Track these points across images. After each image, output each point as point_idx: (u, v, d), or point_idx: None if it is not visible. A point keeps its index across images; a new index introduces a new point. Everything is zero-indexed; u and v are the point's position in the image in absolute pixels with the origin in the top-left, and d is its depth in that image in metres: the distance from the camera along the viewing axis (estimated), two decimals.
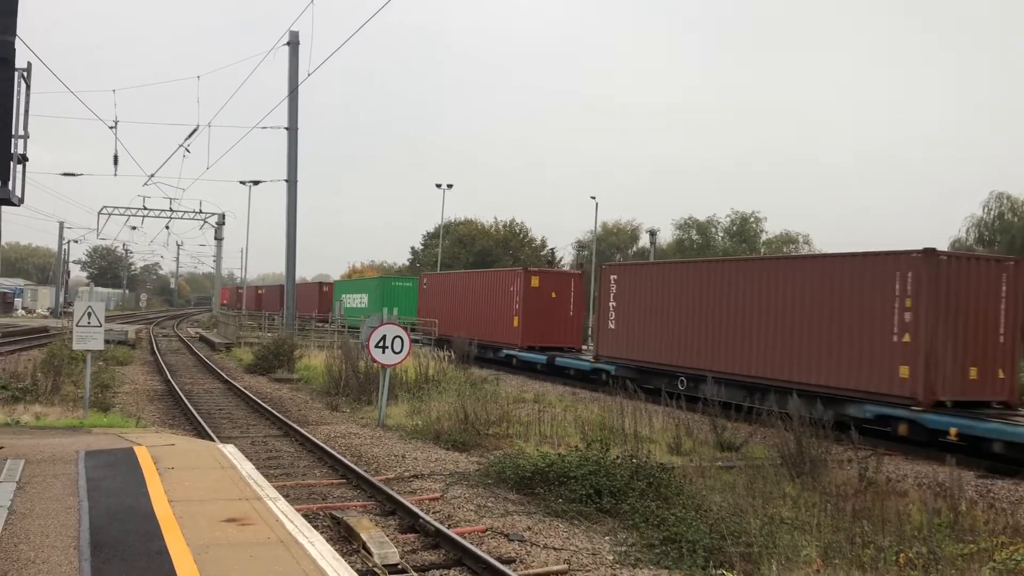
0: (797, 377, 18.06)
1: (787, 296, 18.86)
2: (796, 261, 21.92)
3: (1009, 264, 17.05)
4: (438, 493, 10.66)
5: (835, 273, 17.97)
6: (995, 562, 7.54)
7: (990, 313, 16.51)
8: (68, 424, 12.83)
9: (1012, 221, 48.00)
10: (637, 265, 27.96)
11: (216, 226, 62.14)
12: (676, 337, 22.10)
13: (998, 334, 16.54)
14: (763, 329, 19.33)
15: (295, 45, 35.98)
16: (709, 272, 21.82)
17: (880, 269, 16.92)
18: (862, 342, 16.98)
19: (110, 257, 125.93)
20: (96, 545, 6.01)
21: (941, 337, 15.93)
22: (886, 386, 16.33)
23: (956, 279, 16.24)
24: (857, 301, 17.18)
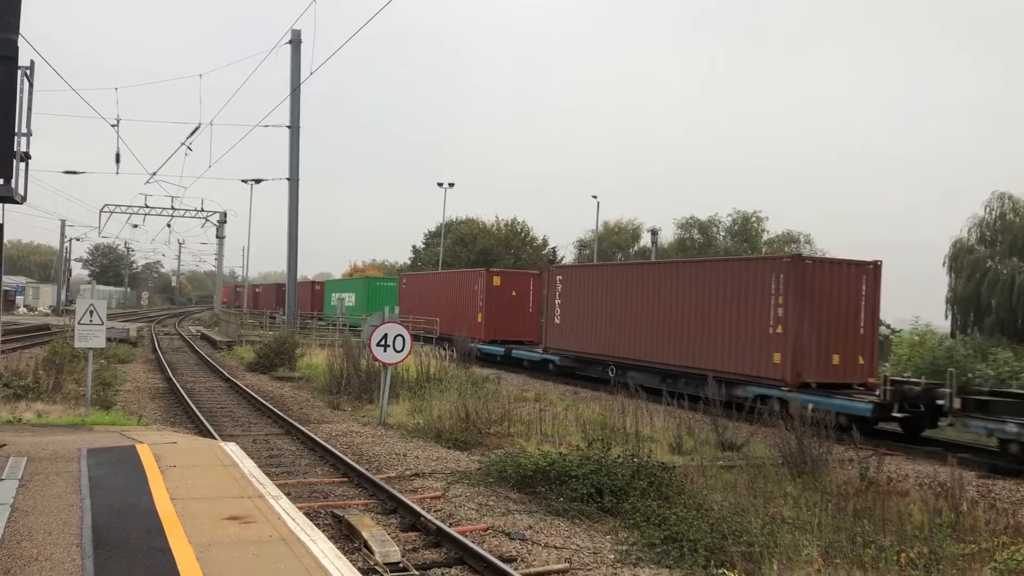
0: (700, 364, 20.82)
1: (689, 295, 21.88)
2: (695, 264, 24.61)
3: (868, 267, 19.81)
4: (439, 492, 10.67)
5: (726, 275, 21.02)
6: (996, 562, 7.54)
7: (851, 308, 19.30)
8: (70, 422, 12.84)
9: (1014, 221, 47.89)
10: (577, 267, 31.77)
11: (218, 224, 62.13)
12: (606, 331, 25.12)
13: (859, 326, 19.30)
14: (672, 323, 22.29)
15: (297, 44, 35.98)
16: (630, 274, 25.11)
17: (760, 272, 19.94)
18: (747, 333, 19.79)
19: (112, 255, 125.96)
20: (98, 542, 6.02)
21: (807, 329, 18.73)
22: (764, 370, 19.17)
23: (820, 280, 19.07)
24: (743, 299, 20.01)
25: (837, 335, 19.03)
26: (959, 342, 33.60)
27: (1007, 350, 29.70)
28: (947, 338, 37.84)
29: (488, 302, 33.11)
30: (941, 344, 31.93)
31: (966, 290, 47.68)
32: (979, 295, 46.70)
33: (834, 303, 19.10)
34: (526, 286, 33.71)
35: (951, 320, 49.57)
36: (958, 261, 49.27)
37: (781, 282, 19.17)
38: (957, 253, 49.54)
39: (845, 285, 19.42)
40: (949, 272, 50.08)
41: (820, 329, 18.80)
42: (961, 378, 20.04)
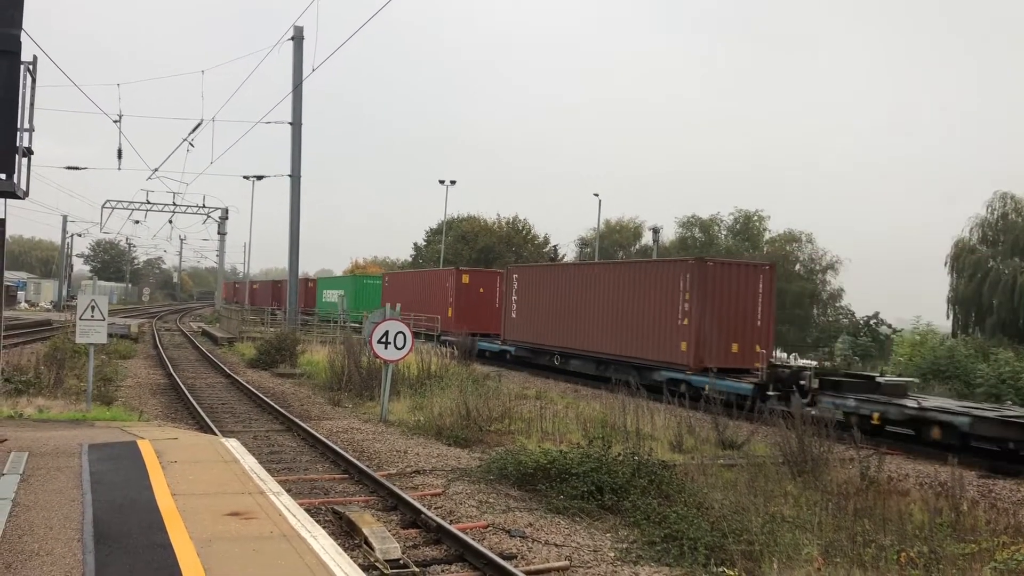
0: (626, 352, 24.07)
1: (617, 292, 24.88)
2: (620, 266, 28.25)
3: (764, 268, 23.31)
4: (440, 489, 10.68)
5: (644, 275, 24.19)
6: (996, 562, 7.54)
7: (749, 304, 22.23)
8: (71, 417, 12.85)
9: (1016, 221, 47.85)
10: (530, 267, 35.25)
11: (219, 221, 62.13)
12: (553, 324, 28.10)
13: (756, 319, 22.28)
14: (604, 317, 25.26)
15: (299, 40, 35.97)
16: (572, 274, 28.75)
17: (670, 272, 23.05)
18: (660, 325, 22.85)
19: (113, 251, 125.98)
20: (99, 538, 6.03)
21: (708, 321, 21.62)
22: (673, 357, 22.16)
23: (721, 279, 22.06)
24: (658, 296, 23.09)
25: (736, 327, 21.96)
26: (960, 342, 33.58)
27: (1008, 350, 29.65)
28: (948, 338, 37.82)
29: (457, 298, 36.41)
30: (942, 344, 31.92)
31: (968, 290, 47.65)
32: (981, 295, 46.66)
33: (733, 299, 22.10)
34: (492, 284, 36.39)
35: (952, 320, 49.53)
36: (960, 261, 49.24)
37: (687, 281, 22.04)
38: (959, 253, 49.50)
39: (743, 284, 22.37)
40: (951, 272, 50.04)
41: (720, 321, 21.75)
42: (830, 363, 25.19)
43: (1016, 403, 21.52)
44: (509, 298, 31.87)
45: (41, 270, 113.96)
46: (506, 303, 32.21)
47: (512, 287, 31.80)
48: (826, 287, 68.57)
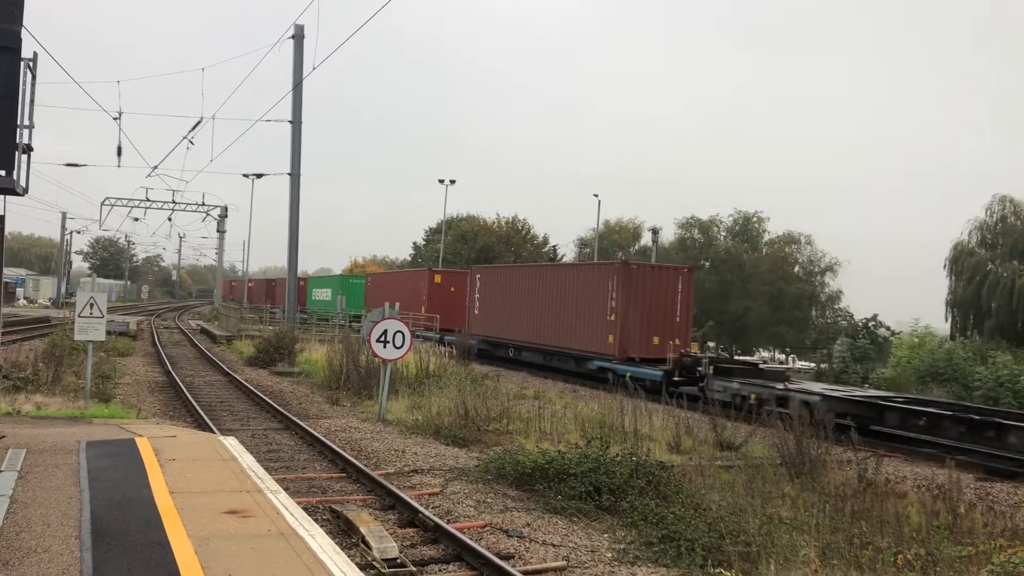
0: (567, 345, 27.16)
1: (559, 291, 28.15)
2: (562, 268, 32.49)
3: (683, 270, 26.78)
4: (437, 488, 10.68)
5: (580, 276, 27.51)
6: (993, 565, 7.55)
7: (669, 302, 25.33)
8: (69, 414, 12.84)
9: (1015, 225, 47.87)
10: (490, 268, 38.70)
11: (218, 219, 62.09)
12: (509, 319, 30.92)
13: (675, 316, 25.39)
14: (549, 314, 28.34)
15: (300, 39, 35.97)
16: (523, 275, 31.90)
17: (601, 274, 26.10)
18: (593, 321, 25.80)
19: (112, 248, 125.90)
20: (97, 535, 6.03)
21: (632, 317, 24.73)
22: (603, 348, 25.19)
23: (644, 280, 25.24)
24: (591, 295, 26.05)
25: (657, 322, 25.03)
26: (958, 345, 33.59)
27: (1006, 353, 29.68)
28: (947, 340, 37.84)
29: (430, 296, 39.69)
30: (941, 347, 31.93)
31: (966, 293, 47.66)
32: (979, 298, 46.68)
33: (655, 298, 25.16)
34: (463, 283, 38.60)
35: (951, 322, 49.54)
36: (958, 263, 49.25)
37: (614, 282, 25.02)
38: (957, 255, 49.52)
39: (664, 284, 25.48)
40: (949, 274, 50.05)
41: (643, 317, 24.83)
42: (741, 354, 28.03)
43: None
44: (472, 296, 34.97)
45: (40, 267, 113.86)
46: (470, 300, 35.26)
47: (475, 286, 34.83)
48: (825, 289, 68.62)
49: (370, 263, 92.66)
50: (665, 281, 25.59)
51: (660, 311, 25.12)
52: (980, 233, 49.76)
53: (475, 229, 67.92)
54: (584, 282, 26.89)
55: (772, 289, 65.55)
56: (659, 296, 25.21)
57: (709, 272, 67.81)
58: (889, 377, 30.48)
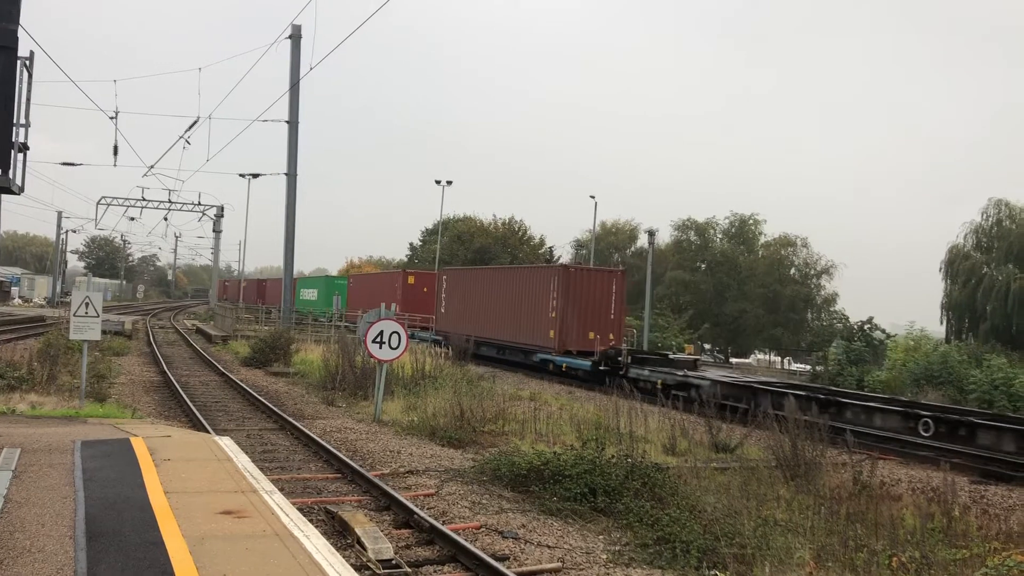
0: (516, 339, 30.18)
1: (510, 291, 31.45)
2: (512, 270, 35.64)
3: (617, 273, 30.30)
4: (433, 489, 10.67)
5: (527, 277, 30.96)
6: (988, 568, 7.55)
7: (604, 301, 28.48)
8: (64, 414, 12.82)
9: (1010, 228, 48.00)
10: (455, 270, 41.83)
11: (214, 219, 61.94)
12: (469, 316, 33.67)
13: (610, 313, 28.55)
14: (502, 311, 31.30)
15: (297, 39, 35.89)
16: (481, 276, 36.06)
17: (544, 276, 29.75)
18: (538, 318, 29.12)
19: (108, 248, 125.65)
20: (92, 535, 6.01)
21: (570, 314, 27.92)
22: (545, 342, 28.55)
23: (581, 282, 28.55)
24: (537, 295, 29.32)
25: (593, 319, 28.13)
26: (953, 348, 33.65)
27: (1001, 356, 29.75)
28: (942, 343, 37.88)
29: (404, 296, 42.81)
30: (936, 350, 31.99)
31: (962, 296, 47.79)
32: (974, 301, 46.80)
33: (591, 298, 28.29)
34: (433, 284, 41.47)
35: (946, 325, 49.67)
36: (954, 267, 49.38)
37: (555, 283, 28.39)
38: (953, 259, 49.65)
39: (599, 285, 28.72)
40: (945, 278, 50.18)
41: (580, 315, 27.99)
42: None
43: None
44: (439, 295, 38.40)
45: (35, 266, 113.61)
46: (437, 299, 38.55)
47: (442, 286, 38.33)
48: (821, 291, 68.75)
49: (366, 264, 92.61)
50: (600, 283, 29.01)
51: (596, 309, 28.39)
52: (976, 237, 49.88)
53: (471, 230, 67.89)
54: (530, 283, 30.35)
55: (768, 291, 65.67)
56: (595, 296, 28.45)
57: (705, 274, 67.92)
58: (884, 380, 30.53)
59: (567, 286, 28.03)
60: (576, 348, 27.43)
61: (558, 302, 27.95)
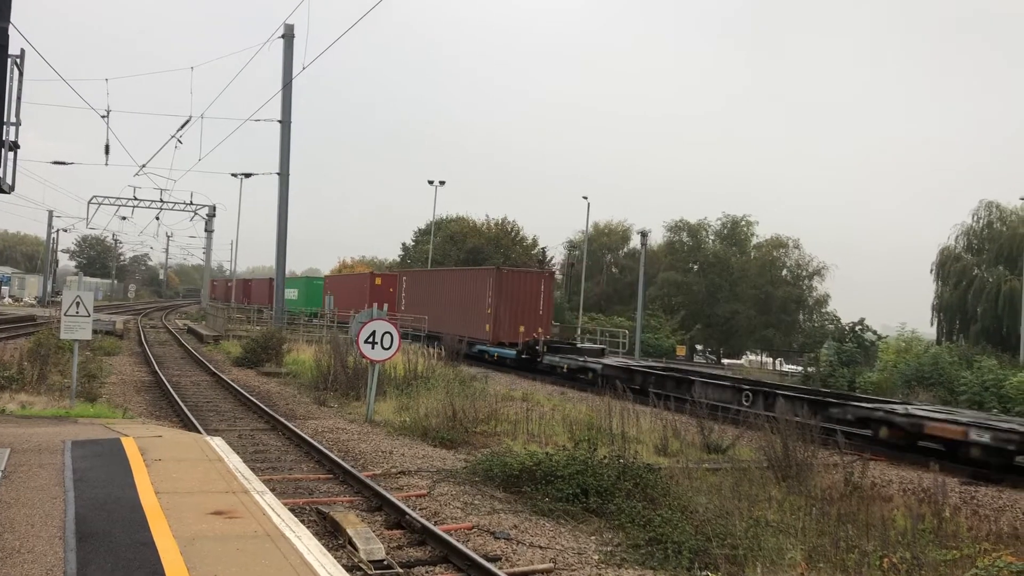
0: (460, 332, 31.93)
1: (456, 290, 35.51)
2: (457, 271, 40.43)
3: (545, 275, 34.84)
4: (425, 490, 10.66)
5: (471, 277, 35.16)
6: (978, 568, 7.59)
7: (533, 299, 32.28)
8: (54, 414, 12.77)
9: (1001, 230, 48.23)
10: (411, 271, 48.48)
11: (206, 218, 61.86)
12: (424, 312, 36.54)
13: (539, 310, 32.31)
14: (452, 308, 34.62)
15: (290, 38, 35.85)
16: (434, 277, 41.12)
17: (482, 276, 33.63)
18: (478, 313, 32.71)
19: (99, 247, 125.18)
20: (82, 536, 5.99)
21: (503, 310, 31.59)
22: (482, 335, 32.19)
23: (513, 282, 32.43)
24: (476, 293, 33.19)
25: (523, 314, 31.81)
26: (944, 349, 33.74)
27: (991, 358, 29.85)
28: (933, 345, 38.00)
29: (371, 296, 45.13)
30: (927, 351, 32.07)
31: (952, 297, 47.98)
32: (965, 302, 47.00)
33: (522, 296, 32.06)
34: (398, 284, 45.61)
35: (937, 327, 49.86)
36: (945, 268, 49.58)
37: (490, 283, 32.07)
38: (944, 260, 49.84)
39: (530, 285, 32.61)
40: (936, 279, 50.39)
41: (511, 311, 31.63)
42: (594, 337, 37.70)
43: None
44: (400, 295, 42.32)
45: (26, 265, 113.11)
46: (398, 298, 42.16)
47: (402, 286, 42.72)
48: (812, 293, 68.94)
49: (358, 264, 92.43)
50: (531, 283, 32.87)
51: (526, 306, 32.05)
52: (967, 238, 50.11)
53: (464, 231, 67.86)
54: (471, 283, 34.28)
55: (760, 293, 65.83)
56: (526, 295, 32.15)
57: (697, 275, 68.04)
58: (876, 381, 30.60)
59: (500, 286, 31.84)
60: (508, 340, 31.22)
61: (493, 300, 31.77)
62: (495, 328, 31.48)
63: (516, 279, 32.75)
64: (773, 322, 66.11)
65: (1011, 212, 48.38)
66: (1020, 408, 23.75)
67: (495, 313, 31.50)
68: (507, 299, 31.74)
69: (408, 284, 42.24)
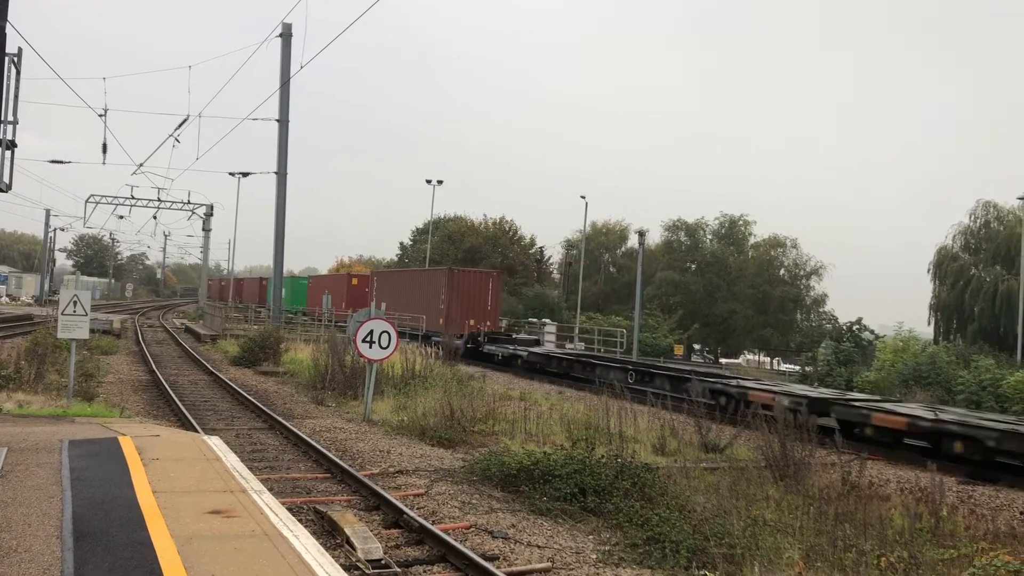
0: (424, 326, 35.84)
1: (416, 289, 39.42)
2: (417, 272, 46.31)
3: (493, 274, 38.52)
4: (423, 489, 10.65)
5: (429, 277, 39.26)
6: (975, 568, 7.59)
7: (482, 296, 36.17)
8: (52, 413, 12.75)
9: (998, 230, 48.30)
10: (382, 272, 54.88)
11: (204, 217, 61.80)
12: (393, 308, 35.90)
13: (487, 306, 36.25)
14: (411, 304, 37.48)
15: (288, 37, 35.78)
16: (401, 276, 47.27)
17: (437, 276, 37.61)
18: (434, 308, 36.29)
19: (96, 246, 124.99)
20: (79, 535, 5.98)
21: (455, 306, 35.30)
22: (437, 328, 35.02)
23: (464, 281, 36.38)
24: (432, 291, 36.92)
25: (473, 309, 35.65)
26: (942, 348, 33.81)
27: (988, 357, 29.90)
28: (930, 344, 38.06)
29: (348, 295, 50.76)
30: (924, 351, 32.12)
31: (950, 297, 48.05)
32: (963, 302, 47.07)
33: (472, 293, 35.91)
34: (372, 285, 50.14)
35: (934, 326, 49.95)
36: (942, 268, 49.65)
37: (444, 281, 35.97)
38: (941, 260, 49.92)
39: (479, 284, 36.47)
40: (933, 279, 50.47)
41: (463, 306, 35.42)
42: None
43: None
44: (372, 293, 45.94)
45: (23, 264, 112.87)
46: (371, 296, 45.26)
47: (374, 286, 47.07)
48: (810, 292, 69.01)
49: (356, 263, 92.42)
50: (480, 281, 36.72)
51: (476, 302, 35.82)
52: (964, 238, 50.19)
53: (462, 230, 67.86)
54: (429, 282, 38.21)
55: (757, 292, 65.87)
56: (475, 292, 36.01)
57: (695, 274, 68.07)
58: (873, 380, 30.64)
59: (452, 284, 35.76)
60: (459, 332, 34.22)
61: (446, 296, 35.55)
62: (447, 322, 34.85)
63: (466, 278, 36.67)
64: (771, 321, 66.17)
65: (1008, 212, 48.45)
66: (1017, 407, 23.77)
67: (447, 308, 35.34)
68: (458, 296, 35.52)
69: (379, 284, 46.60)
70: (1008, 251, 45.24)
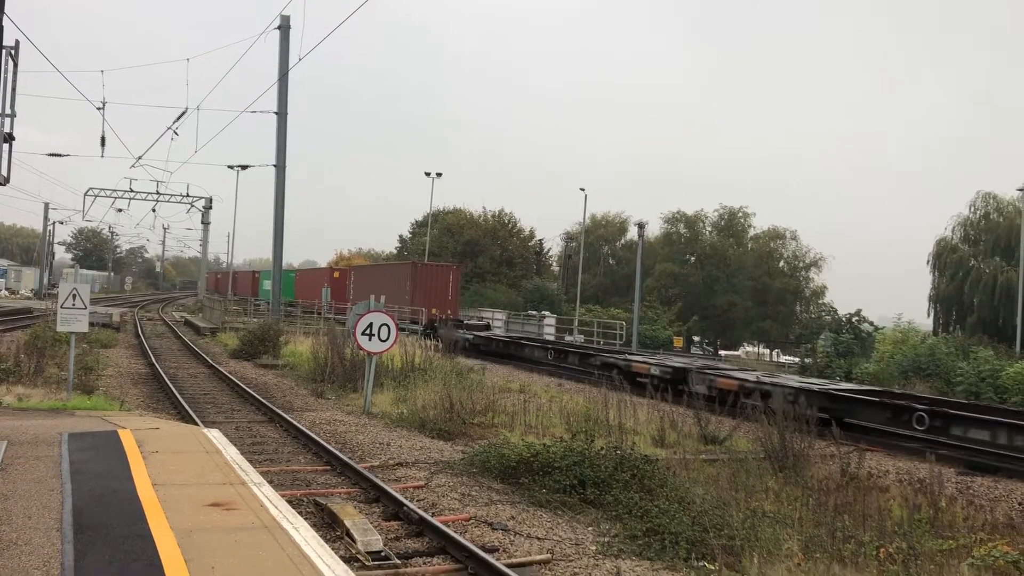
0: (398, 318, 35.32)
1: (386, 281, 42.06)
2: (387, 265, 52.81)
3: (453, 267, 42.80)
4: (422, 481, 10.67)
5: (399, 269, 43.34)
6: (974, 558, 7.61)
7: (443, 287, 39.89)
8: (51, 406, 12.76)
9: (998, 221, 48.28)
10: (359, 266, 58.64)
11: (203, 210, 61.74)
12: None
13: (448, 296, 40.05)
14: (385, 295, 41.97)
15: (286, 29, 35.73)
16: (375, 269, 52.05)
17: (403, 269, 41.72)
18: (400, 299, 38.50)
19: (95, 239, 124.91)
20: (79, 527, 5.99)
21: (419, 296, 38.83)
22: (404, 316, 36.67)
23: (428, 273, 40.38)
24: (399, 282, 40.23)
25: (435, 299, 39.16)
26: (941, 340, 33.85)
27: (988, 348, 29.92)
28: (929, 336, 38.10)
29: (331, 288, 52.06)
30: (923, 342, 32.15)
31: (949, 288, 48.06)
32: (962, 294, 47.08)
33: (434, 284, 39.61)
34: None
35: (933, 318, 49.98)
36: (942, 260, 49.66)
37: (409, 274, 39.97)
38: (941, 251, 49.92)
39: (441, 276, 40.28)
40: (932, 270, 50.49)
41: (426, 296, 38.94)
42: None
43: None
44: (350, 286, 49.81)
45: (22, 257, 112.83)
46: (348, 289, 49.57)
47: (351, 279, 50.77)
48: (809, 284, 69.07)
49: (355, 256, 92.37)
50: (441, 274, 40.59)
51: (438, 293, 39.41)
52: (963, 229, 50.18)
53: (461, 222, 67.82)
54: (397, 274, 42.03)
55: (757, 284, 65.93)
56: (437, 283, 39.65)
57: (694, 267, 68.09)
58: (872, 372, 30.66)
59: (416, 276, 39.53)
60: (420, 320, 37.72)
61: (410, 287, 39.29)
62: (412, 311, 38.38)
63: (429, 271, 40.60)
64: (770, 313, 66.22)
65: (1008, 203, 48.43)
66: (1016, 399, 23.81)
67: (411, 298, 38.80)
68: (421, 287, 39.35)
69: (356, 277, 50.47)
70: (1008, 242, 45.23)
